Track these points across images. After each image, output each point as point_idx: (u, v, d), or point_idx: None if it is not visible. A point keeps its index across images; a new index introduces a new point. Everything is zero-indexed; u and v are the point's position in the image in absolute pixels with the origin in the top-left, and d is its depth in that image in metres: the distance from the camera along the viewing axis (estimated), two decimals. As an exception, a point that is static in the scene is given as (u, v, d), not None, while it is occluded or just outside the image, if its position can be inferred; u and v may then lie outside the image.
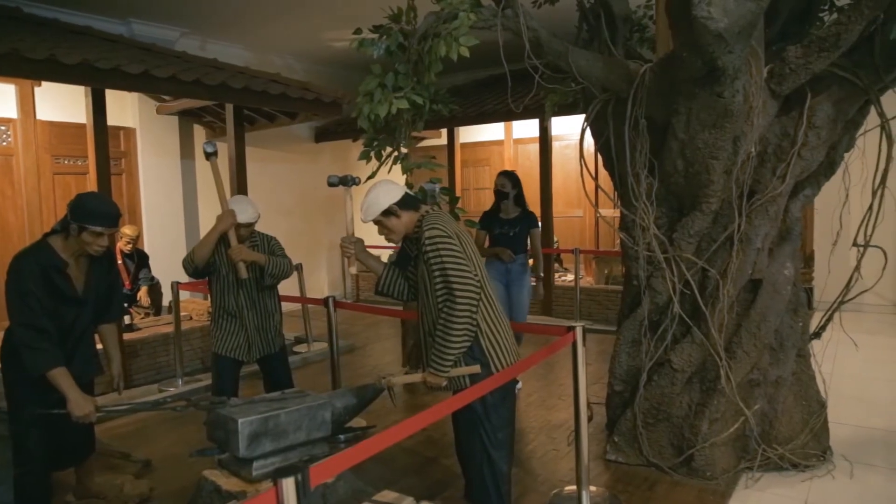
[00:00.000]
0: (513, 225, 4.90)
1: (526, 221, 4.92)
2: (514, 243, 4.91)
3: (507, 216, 4.90)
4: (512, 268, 4.89)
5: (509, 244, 4.88)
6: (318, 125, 9.54)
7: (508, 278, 4.90)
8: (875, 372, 5.39)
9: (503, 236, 4.89)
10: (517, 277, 4.94)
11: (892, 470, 3.51)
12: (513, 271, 4.91)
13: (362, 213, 2.62)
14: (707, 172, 3.16)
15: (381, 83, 3.06)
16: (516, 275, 4.94)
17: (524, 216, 4.93)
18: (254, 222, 3.59)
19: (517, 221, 4.91)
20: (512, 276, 4.92)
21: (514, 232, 4.89)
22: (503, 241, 4.89)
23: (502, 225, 4.91)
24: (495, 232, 4.92)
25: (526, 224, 4.92)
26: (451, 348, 2.42)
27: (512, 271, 4.90)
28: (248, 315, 3.63)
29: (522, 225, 4.90)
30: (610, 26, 3.69)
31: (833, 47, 2.97)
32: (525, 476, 3.53)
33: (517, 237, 4.92)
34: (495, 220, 4.93)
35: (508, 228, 4.90)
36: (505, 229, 4.90)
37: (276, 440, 2.53)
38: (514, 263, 4.87)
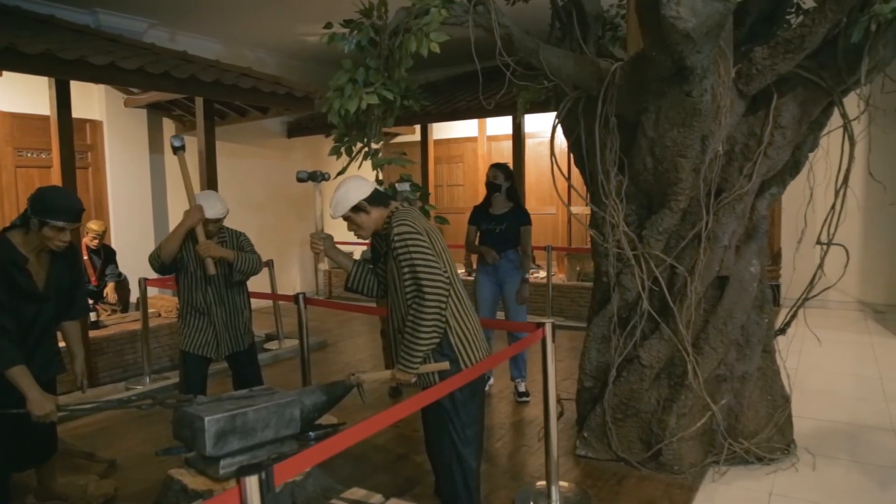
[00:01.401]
0: (500, 221, 4.65)
1: (515, 217, 4.65)
2: (501, 241, 4.66)
3: (496, 211, 4.68)
4: (500, 266, 4.66)
5: (496, 241, 4.66)
6: (290, 120, 9.46)
7: (498, 276, 4.69)
8: (838, 367, 5.51)
9: (489, 233, 4.68)
10: (508, 276, 4.69)
11: (853, 462, 3.59)
12: (501, 269, 4.67)
13: (331, 209, 2.60)
14: (676, 170, 3.20)
15: (352, 78, 3.03)
16: (506, 273, 4.69)
17: (514, 212, 4.67)
18: (222, 218, 3.54)
19: (505, 217, 4.65)
20: (501, 274, 4.69)
21: (501, 229, 4.63)
22: (489, 238, 4.68)
23: (490, 221, 4.68)
24: (482, 228, 4.72)
25: (515, 220, 4.64)
26: (420, 345, 2.42)
27: (500, 269, 4.67)
28: (216, 312, 3.59)
29: (511, 221, 4.63)
30: (581, 24, 3.70)
31: (798, 49, 3.02)
32: (495, 472, 3.55)
33: (504, 234, 4.65)
34: (483, 216, 4.72)
35: (495, 224, 4.65)
36: (492, 225, 4.66)
37: (243, 438, 2.51)
38: (503, 261, 4.65)
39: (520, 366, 4.65)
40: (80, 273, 3.14)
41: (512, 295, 4.69)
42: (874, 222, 7.55)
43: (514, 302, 4.70)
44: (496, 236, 4.65)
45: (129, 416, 4.47)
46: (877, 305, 7.71)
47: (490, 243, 4.65)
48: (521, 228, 4.66)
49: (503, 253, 4.64)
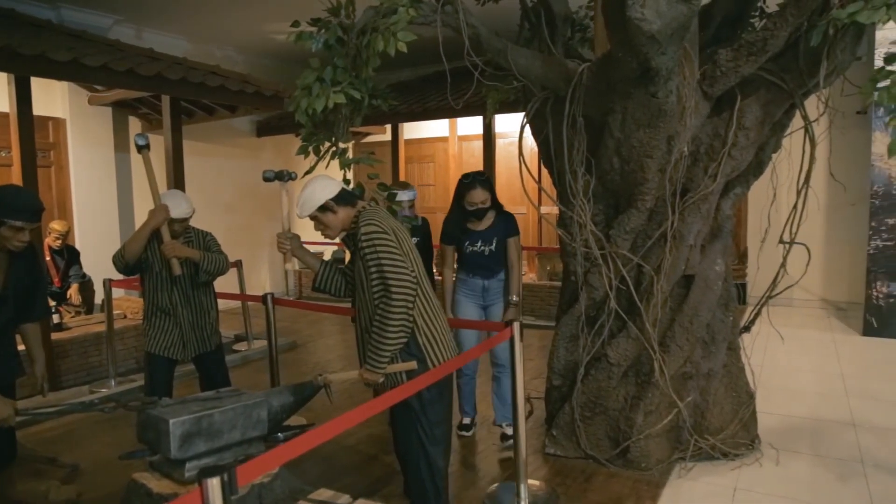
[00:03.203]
0: (487, 239, 3.81)
1: (504, 229, 3.84)
2: (493, 262, 3.84)
3: (480, 226, 3.81)
4: (490, 287, 3.88)
5: (486, 264, 3.83)
6: (259, 119, 9.37)
7: (486, 299, 3.92)
8: (802, 363, 5.63)
9: (477, 256, 3.82)
10: (497, 298, 3.91)
11: (816, 456, 3.68)
12: (491, 291, 3.89)
13: (298, 209, 2.58)
14: (642, 170, 3.24)
15: (320, 77, 3.01)
16: (496, 295, 3.90)
17: (502, 222, 3.84)
18: (188, 217, 3.49)
19: (493, 232, 3.81)
20: (490, 297, 3.90)
21: (491, 249, 3.80)
22: (476, 262, 3.84)
23: (474, 240, 3.81)
24: (466, 250, 3.83)
25: (503, 233, 3.83)
26: (388, 344, 2.41)
27: (490, 291, 3.89)
28: (182, 312, 3.54)
29: (500, 234, 3.82)
30: (550, 26, 3.73)
31: (760, 52, 3.08)
32: (465, 471, 3.55)
33: (495, 254, 3.83)
34: (464, 234, 3.83)
35: (483, 244, 3.81)
36: (479, 247, 3.82)
37: (209, 440, 2.47)
38: (493, 281, 3.88)
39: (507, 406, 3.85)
40: (40, 274, 3.07)
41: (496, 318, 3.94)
42: (837, 222, 7.73)
43: None
44: (486, 259, 3.83)
45: (93, 419, 4.39)
46: (839, 303, 7.90)
47: (477, 267, 3.86)
48: (510, 241, 3.86)
49: (495, 275, 3.89)
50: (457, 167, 9.77)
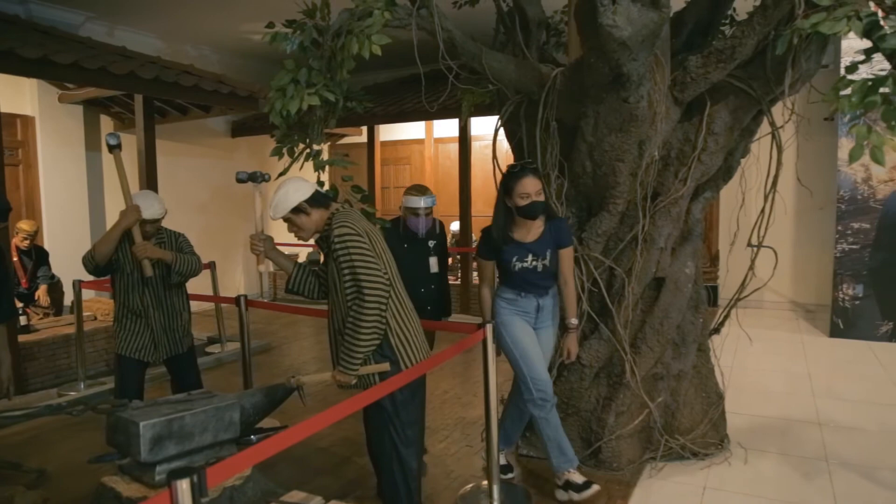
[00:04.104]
0: (539, 251, 3.11)
1: (556, 237, 3.15)
2: (548, 279, 3.19)
3: (529, 237, 3.12)
4: (545, 304, 3.23)
5: (539, 282, 3.17)
6: (234, 119, 9.30)
7: (539, 320, 3.25)
8: (771, 364, 5.74)
9: (529, 274, 3.13)
10: (549, 319, 3.28)
11: (783, 455, 3.75)
12: (545, 310, 3.24)
13: (271, 210, 2.58)
14: (614, 174, 3.28)
15: (294, 79, 3.01)
16: (549, 315, 3.27)
17: (552, 230, 3.15)
18: (160, 218, 3.46)
19: (545, 243, 3.12)
20: (544, 316, 3.25)
21: (545, 265, 3.12)
22: (528, 280, 3.15)
23: (523, 254, 3.11)
24: (514, 267, 3.12)
25: (556, 242, 3.14)
26: (361, 346, 2.42)
27: (543, 311, 3.24)
28: (153, 314, 3.50)
29: (552, 245, 3.14)
30: (524, 30, 3.77)
31: (729, 59, 3.14)
32: (438, 473, 3.56)
33: (550, 269, 3.15)
34: (509, 246, 3.13)
35: (535, 259, 3.11)
36: (529, 262, 3.11)
37: (180, 443, 2.46)
38: (547, 299, 3.24)
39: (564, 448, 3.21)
40: (5, 274, 3.02)
41: (547, 347, 3.30)
42: (805, 226, 7.90)
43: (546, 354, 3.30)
44: (539, 277, 3.16)
45: (61, 423, 4.32)
46: (808, 305, 8.06)
47: (529, 285, 3.18)
48: (562, 252, 3.18)
49: (549, 291, 3.25)
50: (433, 169, 9.80)
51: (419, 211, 3.66)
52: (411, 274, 3.42)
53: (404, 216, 3.74)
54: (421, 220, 3.68)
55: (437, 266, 3.84)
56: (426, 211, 3.69)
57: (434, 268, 3.80)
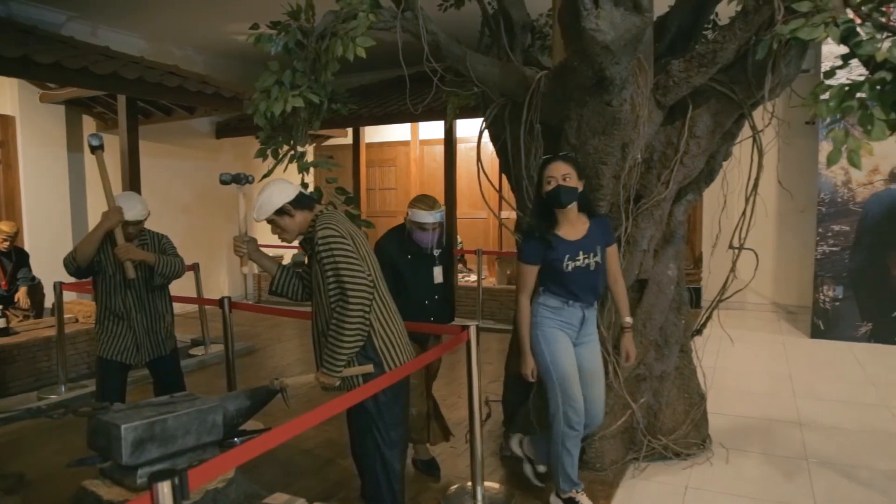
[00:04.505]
0: (589, 247, 2.91)
1: (602, 235, 2.99)
2: (601, 281, 3.01)
3: (573, 235, 2.91)
4: (589, 316, 3.01)
5: (594, 284, 2.96)
6: (219, 120, 9.25)
7: (581, 334, 3.01)
8: (753, 365, 5.80)
9: (582, 273, 2.90)
10: (593, 332, 3.07)
11: (763, 454, 3.80)
12: (588, 323, 3.02)
13: (255, 212, 2.58)
14: (597, 177, 3.31)
15: (279, 80, 3.01)
16: (592, 327, 3.06)
17: (597, 228, 2.98)
18: (143, 220, 3.44)
19: (594, 239, 2.94)
20: (587, 329, 3.03)
21: (597, 262, 2.93)
22: (581, 281, 2.91)
23: (573, 252, 2.87)
24: (566, 267, 2.86)
25: (603, 240, 2.99)
26: (344, 348, 2.42)
27: (588, 323, 3.01)
28: (136, 317, 3.48)
29: (601, 243, 2.97)
30: (509, 33, 3.79)
31: (711, 63, 3.17)
32: (422, 474, 3.57)
33: (602, 268, 2.98)
34: (555, 243, 2.88)
35: (586, 256, 2.89)
36: (581, 259, 2.88)
37: (162, 446, 2.44)
38: (593, 308, 3.05)
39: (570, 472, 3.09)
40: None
41: (594, 364, 3.06)
42: (787, 228, 7.99)
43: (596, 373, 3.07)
44: (591, 276, 2.93)
45: (41, 427, 4.27)
46: (789, 307, 8.16)
47: (582, 289, 2.93)
48: (609, 251, 3.05)
49: (596, 301, 3.09)
50: (418, 171, 9.81)
51: (426, 226, 3.31)
52: (416, 286, 3.37)
53: (409, 228, 3.38)
54: (427, 234, 3.33)
55: (442, 276, 3.56)
56: (433, 226, 3.33)
57: (439, 277, 3.51)
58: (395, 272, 3.31)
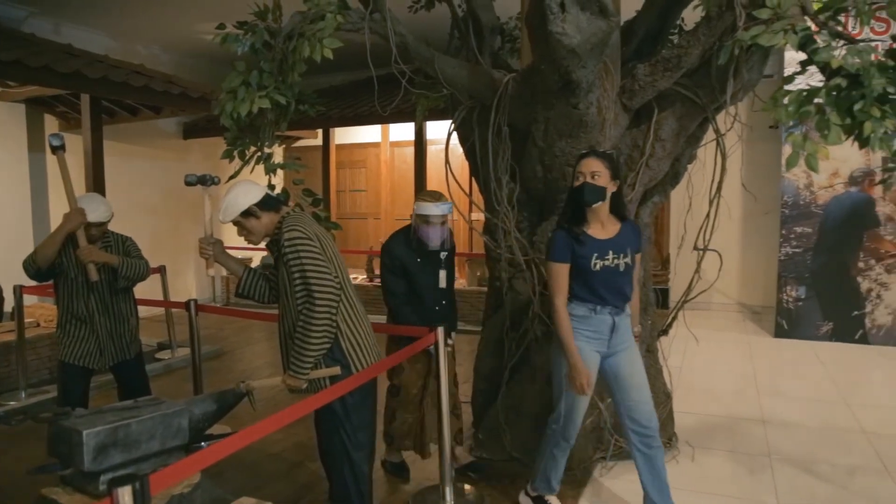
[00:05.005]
0: (620, 247, 2.77)
1: (633, 240, 2.84)
2: (630, 284, 2.85)
3: (604, 233, 2.77)
4: (620, 323, 2.82)
5: (622, 287, 2.80)
6: (186, 121, 9.13)
7: (612, 343, 2.83)
8: (718, 365, 5.90)
9: (611, 274, 2.75)
10: (627, 337, 2.88)
11: (729, 452, 3.87)
12: (621, 330, 2.83)
13: (221, 214, 2.55)
14: (564, 179, 3.34)
15: (245, 81, 2.99)
16: (626, 334, 2.87)
17: (628, 231, 2.84)
18: (106, 221, 3.38)
19: (625, 240, 2.80)
20: (619, 337, 2.83)
21: (627, 263, 2.78)
22: (610, 283, 2.75)
23: (603, 250, 2.73)
24: (594, 266, 2.72)
25: (634, 244, 2.83)
26: (311, 350, 2.41)
27: (620, 330, 2.82)
28: (99, 320, 3.42)
29: (632, 246, 2.82)
30: (478, 36, 3.80)
31: (675, 67, 3.22)
32: (391, 476, 3.56)
33: (631, 271, 2.84)
34: (584, 243, 2.74)
35: (616, 256, 2.75)
36: (611, 259, 2.74)
37: (126, 451, 2.40)
38: (623, 316, 2.85)
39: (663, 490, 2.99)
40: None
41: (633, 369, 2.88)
42: (752, 230, 8.15)
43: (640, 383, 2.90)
44: (621, 276, 2.78)
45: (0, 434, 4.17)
46: (754, 307, 8.32)
47: (610, 292, 2.77)
48: (636, 257, 2.89)
49: (627, 305, 2.88)
50: (388, 173, 9.79)
51: (432, 219, 3.22)
52: (426, 290, 3.34)
53: (415, 225, 3.29)
54: (434, 229, 3.25)
55: (445, 281, 3.46)
56: (440, 220, 3.24)
57: (443, 282, 3.43)
58: (407, 275, 3.32)
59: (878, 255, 6.67)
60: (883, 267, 6.66)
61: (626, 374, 2.86)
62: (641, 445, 2.90)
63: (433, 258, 3.38)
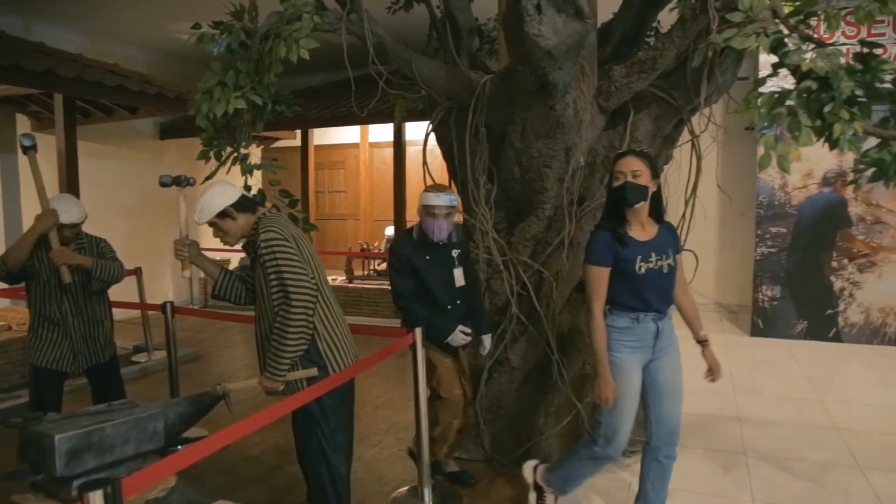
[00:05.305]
0: (662, 249, 2.64)
1: (673, 242, 2.73)
2: (672, 287, 2.72)
3: (644, 235, 2.64)
4: (664, 328, 2.72)
5: (665, 291, 2.69)
6: (163, 121, 9.02)
7: (656, 349, 2.75)
8: (695, 363, 5.91)
9: (655, 276, 2.62)
10: (672, 341, 2.81)
11: (704, 449, 3.91)
12: (664, 336, 2.73)
13: (196, 215, 2.53)
14: (541, 180, 3.36)
15: (221, 81, 2.96)
16: (669, 340, 2.78)
17: (667, 233, 2.72)
18: (79, 223, 3.34)
19: (665, 242, 2.67)
20: (662, 343, 2.75)
21: (670, 265, 2.66)
22: (653, 286, 2.63)
23: (646, 252, 2.60)
24: (638, 269, 2.59)
25: (674, 246, 2.72)
26: (288, 352, 2.40)
27: (663, 336, 2.73)
28: (73, 323, 3.37)
29: (672, 246, 2.70)
30: (455, 37, 3.81)
31: (651, 69, 3.26)
32: (370, 478, 3.55)
33: (675, 274, 2.71)
34: (624, 245, 2.59)
35: (659, 258, 2.62)
36: (653, 261, 2.61)
37: (99, 456, 2.37)
38: (666, 320, 2.75)
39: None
40: None
41: (673, 376, 2.87)
42: (727, 230, 8.25)
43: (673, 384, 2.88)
44: (666, 281, 2.67)
45: (-29, 439, 4.09)
46: (731, 306, 8.42)
47: (655, 296, 2.66)
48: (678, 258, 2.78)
49: (669, 308, 2.78)
50: (367, 173, 9.77)
51: (436, 210, 3.10)
52: (438, 288, 3.18)
53: (421, 218, 3.20)
54: (439, 221, 3.11)
55: (463, 278, 3.30)
56: (445, 211, 3.11)
57: (460, 281, 3.26)
58: (416, 275, 3.17)
59: (850, 255, 6.79)
60: (855, 266, 6.78)
61: (665, 380, 2.78)
62: (661, 455, 2.76)
63: (444, 256, 3.22)
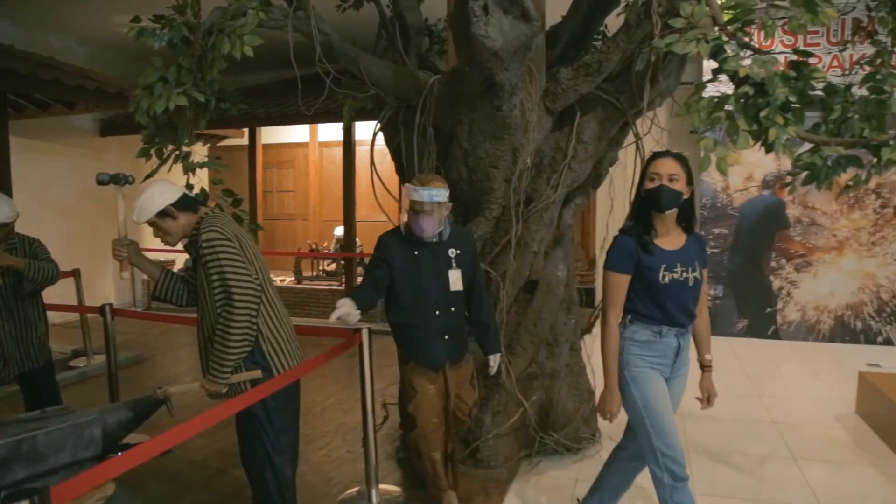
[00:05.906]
0: (688, 260, 2.49)
1: (700, 254, 2.57)
2: (695, 301, 2.56)
3: (672, 244, 2.51)
4: (684, 346, 2.58)
5: (689, 304, 2.53)
6: (104, 117, 8.74)
7: (675, 367, 2.59)
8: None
9: (679, 288, 2.47)
10: (686, 362, 2.65)
11: (647, 447, 3.99)
12: (683, 354, 2.60)
13: (135, 214, 2.46)
14: (489, 180, 3.38)
15: (163, 77, 2.89)
16: (686, 357, 2.63)
17: (695, 245, 2.57)
18: (10, 222, 3.21)
19: (692, 254, 2.52)
20: (681, 361, 2.61)
21: (696, 278, 2.51)
22: (676, 299, 2.48)
23: (671, 262, 2.46)
24: (662, 279, 2.44)
25: (701, 259, 2.56)
26: (231, 354, 2.35)
27: (682, 354, 2.59)
28: (3, 326, 3.24)
29: (699, 259, 2.54)
30: (404, 37, 3.80)
31: (596, 72, 3.31)
32: (317, 480, 3.52)
33: (699, 288, 2.55)
34: (648, 252, 2.45)
35: (684, 269, 2.48)
36: (678, 272, 2.46)
37: (31, 465, 2.28)
38: (687, 334, 2.60)
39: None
40: None
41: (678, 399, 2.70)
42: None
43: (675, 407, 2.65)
44: (690, 294, 2.52)
45: None
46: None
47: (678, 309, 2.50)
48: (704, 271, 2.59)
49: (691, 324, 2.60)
50: (317, 173, 9.67)
51: (419, 206, 2.75)
52: (422, 290, 2.85)
53: (408, 213, 2.87)
54: (422, 219, 2.77)
55: (461, 283, 2.93)
56: (431, 207, 2.76)
57: (456, 285, 2.90)
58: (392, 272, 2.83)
59: (788, 255, 7.05)
60: (793, 266, 7.04)
61: (673, 402, 2.62)
62: (670, 479, 2.46)
63: (438, 254, 2.88)
